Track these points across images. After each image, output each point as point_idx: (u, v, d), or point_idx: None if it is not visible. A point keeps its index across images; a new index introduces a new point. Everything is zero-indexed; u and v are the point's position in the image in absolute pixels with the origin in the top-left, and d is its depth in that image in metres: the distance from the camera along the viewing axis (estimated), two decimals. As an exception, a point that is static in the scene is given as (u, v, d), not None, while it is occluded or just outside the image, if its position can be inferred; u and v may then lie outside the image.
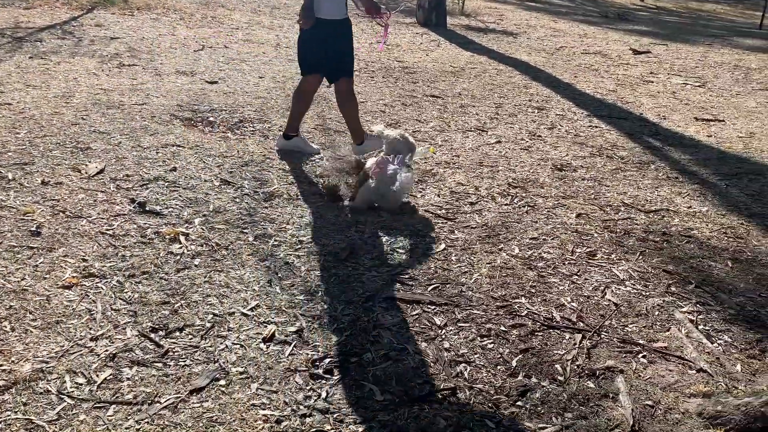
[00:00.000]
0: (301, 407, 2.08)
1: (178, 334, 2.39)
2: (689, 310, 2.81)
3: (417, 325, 2.57)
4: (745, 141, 5.50)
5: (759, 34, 13.30)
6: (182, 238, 3.06)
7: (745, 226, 3.74)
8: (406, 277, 2.92)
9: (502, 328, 2.60)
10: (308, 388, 2.17)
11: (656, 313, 2.78)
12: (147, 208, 3.32)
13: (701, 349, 2.54)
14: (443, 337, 2.51)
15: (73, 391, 2.05)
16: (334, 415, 2.05)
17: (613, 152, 4.95)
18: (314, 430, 1.99)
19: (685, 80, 7.97)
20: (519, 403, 2.18)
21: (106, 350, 2.25)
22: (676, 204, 4.00)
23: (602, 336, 2.58)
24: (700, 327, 2.69)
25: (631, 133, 5.42)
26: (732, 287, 3.04)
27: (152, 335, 2.36)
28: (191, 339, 2.37)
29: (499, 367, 2.36)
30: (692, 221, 3.75)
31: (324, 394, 2.14)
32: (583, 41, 10.54)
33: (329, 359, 2.31)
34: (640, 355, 2.48)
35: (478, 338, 2.52)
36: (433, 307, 2.70)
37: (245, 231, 3.21)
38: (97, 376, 2.12)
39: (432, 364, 2.34)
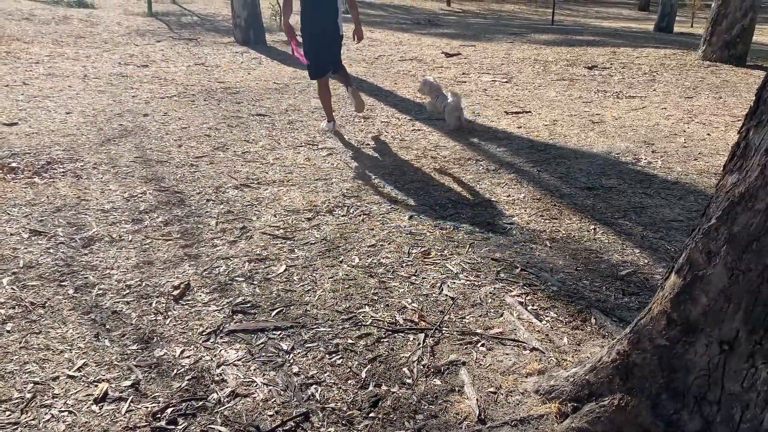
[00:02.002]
0: (145, 466, 1.93)
1: (-8, 413, 2.12)
2: (518, 293, 3.01)
3: (263, 354, 2.50)
4: (549, 128, 6.03)
5: (551, 29, 14.72)
6: (-12, 303, 2.73)
7: (558, 207, 4.10)
8: (248, 305, 2.84)
9: (349, 341, 2.61)
10: (151, 444, 2.02)
11: (489, 300, 2.95)
12: (-59, 275, 2.93)
13: (532, 329, 2.73)
14: (292, 361, 2.47)
15: None
16: (182, 468, 1.93)
17: (437, 152, 5.20)
18: (162, 488, 1.86)
19: (494, 77, 8.60)
20: (372, 414, 2.20)
21: None
22: (496, 194, 4.28)
23: (443, 331, 2.69)
24: (529, 308, 2.89)
25: (451, 133, 5.73)
26: (553, 266, 3.30)
27: (-41, 421, 2.08)
28: (9, 415, 2.12)
29: (350, 382, 2.36)
30: (512, 208, 4.04)
31: (169, 447, 2.01)
32: (399, 48, 10.99)
33: (171, 408, 2.17)
34: (479, 344, 2.61)
35: (327, 356, 2.51)
36: (278, 333, 2.64)
37: (64, 284, 2.94)
38: None
39: (282, 392, 2.29)
